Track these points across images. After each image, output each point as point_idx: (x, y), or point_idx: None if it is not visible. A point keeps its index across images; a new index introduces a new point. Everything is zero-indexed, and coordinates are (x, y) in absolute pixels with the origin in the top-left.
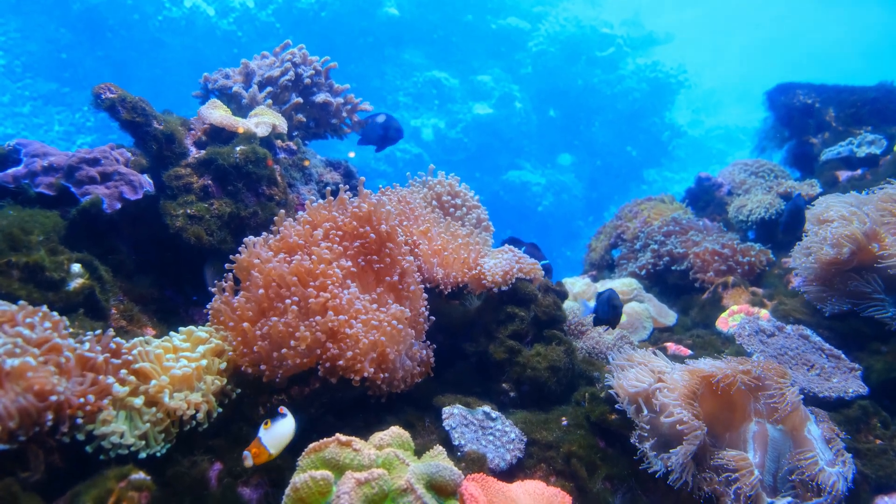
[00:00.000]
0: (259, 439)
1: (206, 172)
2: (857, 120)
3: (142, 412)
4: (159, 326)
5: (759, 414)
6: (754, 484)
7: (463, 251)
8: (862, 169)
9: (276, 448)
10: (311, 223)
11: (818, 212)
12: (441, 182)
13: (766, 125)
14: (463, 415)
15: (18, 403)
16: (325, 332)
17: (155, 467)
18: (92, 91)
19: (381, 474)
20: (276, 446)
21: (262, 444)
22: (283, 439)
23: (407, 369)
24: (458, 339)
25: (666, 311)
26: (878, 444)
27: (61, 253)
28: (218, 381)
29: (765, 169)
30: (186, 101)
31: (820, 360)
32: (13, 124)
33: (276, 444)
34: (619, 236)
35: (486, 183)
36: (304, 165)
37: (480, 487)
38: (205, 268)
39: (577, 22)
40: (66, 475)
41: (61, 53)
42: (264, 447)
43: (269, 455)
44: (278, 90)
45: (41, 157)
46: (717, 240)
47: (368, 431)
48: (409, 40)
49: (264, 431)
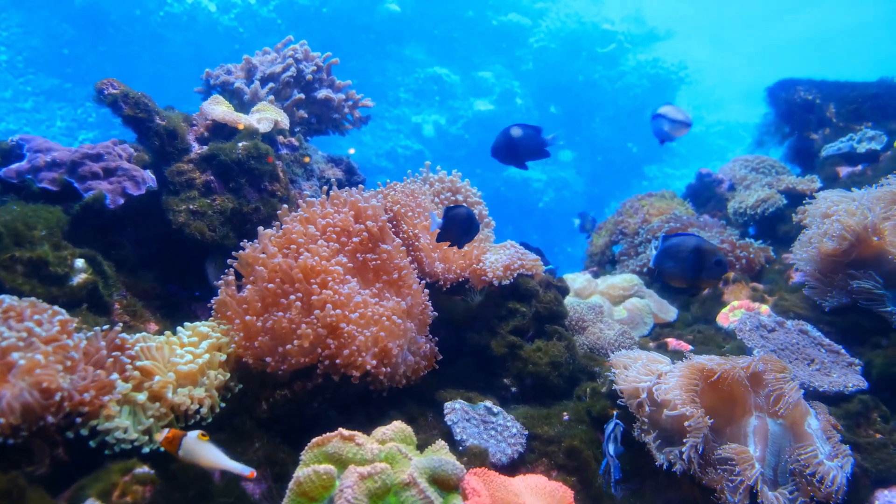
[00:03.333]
0: (186, 435)
1: (209, 168)
2: (857, 116)
3: (145, 407)
4: (162, 321)
5: (760, 408)
6: (755, 477)
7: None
8: (862, 165)
9: (185, 453)
10: (306, 220)
11: (819, 207)
12: (442, 178)
13: (767, 121)
14: (465, 409)
15: (23, 399)
16: (326, 328)
17: (159, 461)
18: (94, 87)
19: (384, 468)
20: (188, 454)
21: (182, 440)
22: (197, 456)
23: (409, 363)
24: (460, 335)
25: (667, 306)
26: (877, 438)
27: (65, 248)
28: (221, 376)
29: (765, 165)
30: (188, 97)
31: (820, 355)
32: (15, 120)
33: (189, 453)
34: (621, 232)
35: (488, 179)
36: (304, 162)
37: (482, 481)
38: (206, 263)
39: (579, 18)
40: (72, 469)
41: (63, 49)
42: (180, 444)
43: (178, 455)
44: (280, 86)
45: (44, 152)
46: (717, 236)
47: (371, 426)
48: (411, 36)
49: (197, 440)
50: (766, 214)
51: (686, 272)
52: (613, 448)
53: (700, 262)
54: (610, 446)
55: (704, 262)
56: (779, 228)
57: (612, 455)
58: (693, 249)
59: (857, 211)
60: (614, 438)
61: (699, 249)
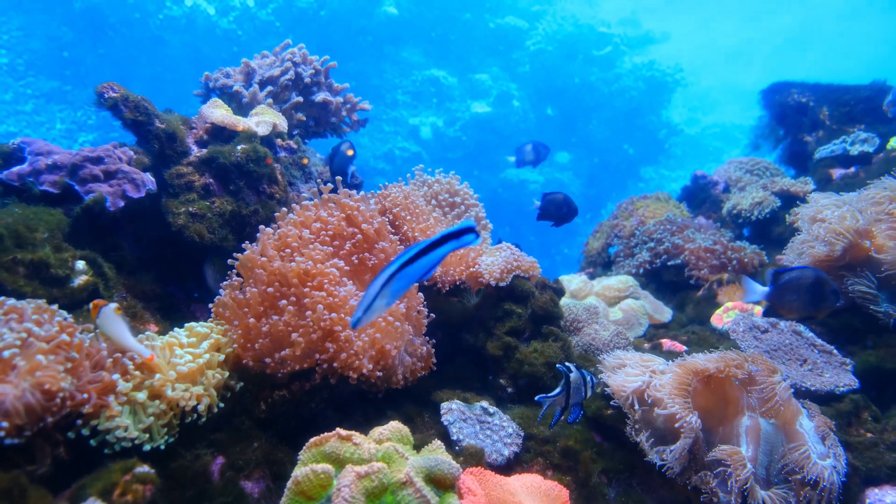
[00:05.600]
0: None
1: (208, 171)
2: (850, 118)
3: (145, 406)
4: (162, 323)
5: (752, 408)
6: (747, 477)
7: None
8: (855, 167)
9: (101, 321)
10: (301, 224)
11: (809, 211)
12: (440, 180)
13: (761, 124)
14: (461, 410)
15: (26, 400)
16: (321, 331)
17: (159, 460)
18: (95, 90)
19: (381, 468)
20: (103, 323)
21: (102, 309)
22: (108, 327)
23: (407, 365)
24: (457, 336)
25: (661, 307)
26: (868, 438)
27: (65, 250)
28: (219, 375)
29: (760, 167)
30: (187, 100)
31: (812, 356)
32: (15, 122)
33: (103, 322)
34: (616, 234)
35: (485, 181)
36: (303, 164)
37: (478, 481)
38: (205, 265)
39: (575, 21)
40: (72, 468)
41: (63, 51)
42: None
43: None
44: (278, 89)
45: (45, 155)
46: (710, 237)
47: (368, 426)
48: (408, 39)
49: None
50: (761, 217)
51: (807, 305)
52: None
53: (820, 294)
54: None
55: (824, 293)
56: (773, 230)
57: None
58: (812, 283)
59: (847, 215)
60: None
61: (818, 282)
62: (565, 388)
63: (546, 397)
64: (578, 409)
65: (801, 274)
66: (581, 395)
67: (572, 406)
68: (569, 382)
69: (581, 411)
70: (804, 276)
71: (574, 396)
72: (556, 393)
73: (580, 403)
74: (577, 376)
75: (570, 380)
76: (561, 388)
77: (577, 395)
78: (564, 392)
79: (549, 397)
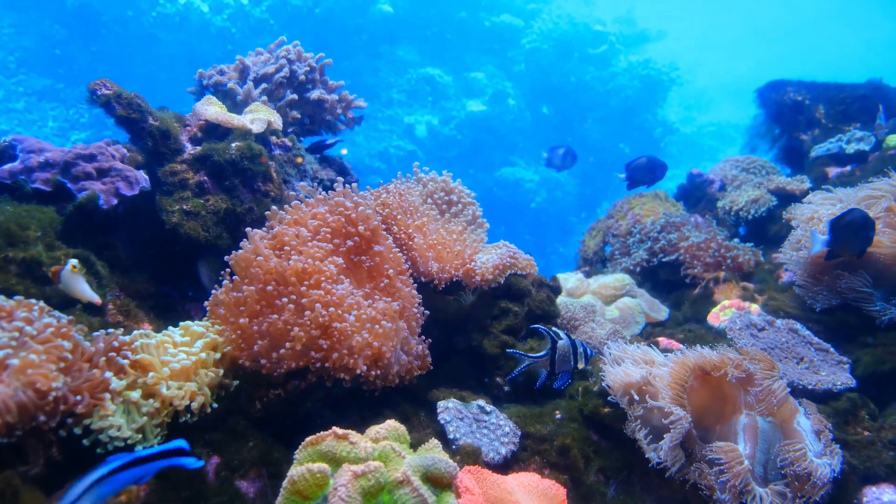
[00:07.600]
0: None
1: (202, 168)
2: (846, 117)
3: (139, 405)
4: (156, 321)
5: (750, 406)
6: (744, 474)
7: (458, 246)
8: (851, 165)
9: (63, 281)
10: (296, 222)
11: (804, 211)
12: (435, 179)
13: (757, 122)
14: (458, 408)
15: (18, 398)
16: (318, 328)
17: None
18: (87, 87)
19: (378, 467)
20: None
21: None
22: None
23: (403, 364)
24: (453, 334)
25: (658, 305)
26: (865, 436)
27: (58, 248)
28: (212, 373)
29: (756, 165)
30: (181, 98)
31: (809, 354)
32: (7, 120)
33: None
34: (612, 232)
35: (480, 179)
36: (297, 162)
37: (475, 479)
38: (199, 263)
39: (570, 19)
40: (65, 468)
41: (55, 49)
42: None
43: (59, 286)
44: (273, 87)
45: (37, 152)
46: (706, 235)
47: (364, 425)
48: (403, 37)
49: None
50: (757, 215)
51: (864, 242)
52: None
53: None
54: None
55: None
56: (769, 228)
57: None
58: (862, 223)
59: None
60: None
61: (867, 221)
62: (550, 353)
63: (523, 355)
64: (567, 377)
65: (852, 216)
66: (570, 364)
67: (560, 374)
68: (555, 348)
69: (569, 378)
70: (855, 217)
71: (561, 364)
72: (539, 356)
73: (569, 372)
74: (565, 344)
75: (556, 346)
76: (546, 352)
77: (566, 364)
78: (549, 356)
79: (528, 357)
